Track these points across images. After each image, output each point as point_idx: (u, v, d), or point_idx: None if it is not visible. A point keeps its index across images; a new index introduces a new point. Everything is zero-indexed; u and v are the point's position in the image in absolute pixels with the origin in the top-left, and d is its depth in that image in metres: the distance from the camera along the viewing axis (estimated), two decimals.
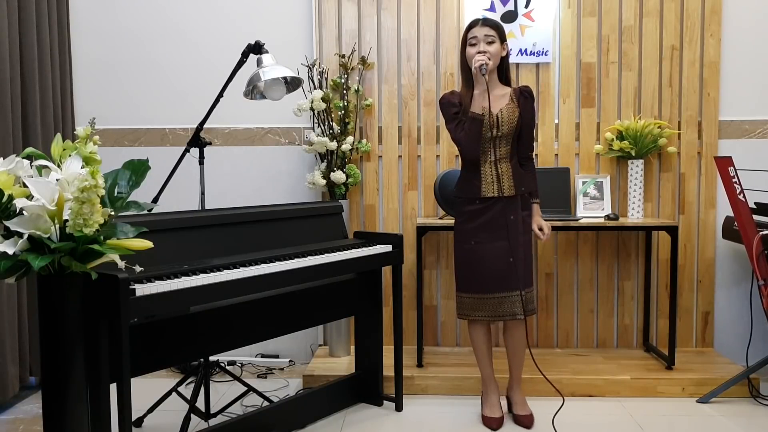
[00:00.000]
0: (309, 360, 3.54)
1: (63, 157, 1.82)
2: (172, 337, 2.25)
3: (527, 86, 2.79)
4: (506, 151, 2.72)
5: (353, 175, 3.46)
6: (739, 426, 2.80)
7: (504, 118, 2.69)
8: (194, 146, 2.81)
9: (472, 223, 2.75)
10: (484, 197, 2.72)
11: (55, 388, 1.79)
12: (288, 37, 3.61)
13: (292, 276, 2.43)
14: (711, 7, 3.50)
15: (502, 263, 2.70)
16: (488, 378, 2.86)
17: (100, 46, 3.66)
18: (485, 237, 2.72)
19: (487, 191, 2.72)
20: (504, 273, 2.70)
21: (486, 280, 2.72)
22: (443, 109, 2.79)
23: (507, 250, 2.69)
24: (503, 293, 2.70)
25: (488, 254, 2.71)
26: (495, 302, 2.72)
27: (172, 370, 3.48)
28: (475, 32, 2.69)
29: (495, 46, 2.67)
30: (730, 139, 3.55)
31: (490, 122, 2.68)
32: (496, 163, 2.72)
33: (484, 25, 2.68)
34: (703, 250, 3.59)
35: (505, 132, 2.70)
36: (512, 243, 2.69)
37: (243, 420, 2.51)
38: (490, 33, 2.66)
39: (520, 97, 2.73)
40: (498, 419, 2.79)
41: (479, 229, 2.73)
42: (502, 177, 2.71)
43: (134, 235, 1.80)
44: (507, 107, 2.70)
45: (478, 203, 2.74)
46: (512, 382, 2.87)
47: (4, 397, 2.96)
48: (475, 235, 2.74)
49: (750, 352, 3.33)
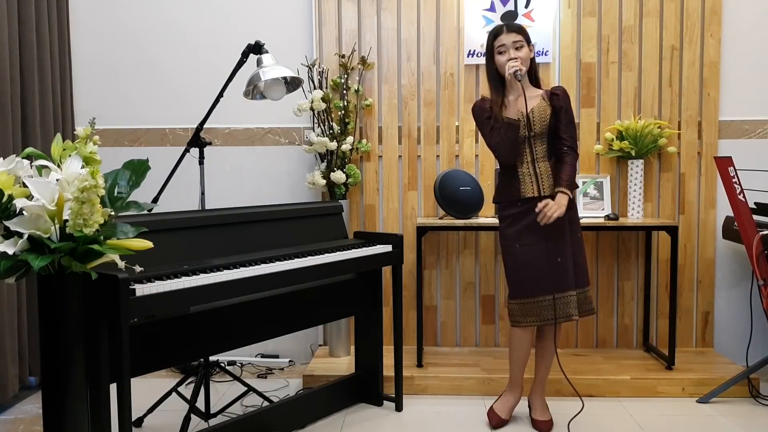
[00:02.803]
0: (309, 360, 3.54)
1: (63, 157, 1.82)
2: (172, 337, 2.24)
3: (560, 86, 2.76)
4: (543, 150, 2.69)
5: (353, 175, 3.46)
6: (739, 426, 2.80)
7: (536, 118, 2.65)
8: (194, 146, 2.81)
9: (516, 226, 2.69)
10: (524, 197, 2.68)
11: (55, 388, 1.79)
12: (288, 37, 3.61)
13: (292, 276, 2.42)
14: (711, 7, 3.50)
15: (550, 264, 2.65)
16: (516, 383, 2.81)
17: (100, 47, 3.66)
18: (530, 239, 2.66)
19: (526, 191, 2.68)
20: (553, 274, 2.65)
21: (534, 283, 2.66)
22: (476, 117, 2.75)
23: (554, 250, 2.65)
24: (555, 294, 2.64)
25: (534, 256, 2.65)
26: (546, 305, 2.66)
27: (172, 370, 3.48)
28: (502, 40, 2.65)
29: (524, 50, 2.64)
30: (730, 139, 3.55)
31: (523, 123, 2.66)
32: (534, 163, 2.68)
33: (510, 32, 2.64)
34: (703, 250, 3.59)
35: (538, 131, 2.66)
36: (559, 242, 2.65)
37: (243, 420, 2.51)
38: (518, 38, 2.63)
39: (552, 96, 2.69)
40: (501, 420, 2.78)
41: (523, 231, 2.68)
42: (541, 176, 2.67)
43: (134, 235, 1.80)
44: (538, 106, 2.67)
45: (519, 205, 2.69)
46: (536, 384, 2.83)
47: (4, 397, 2.96)
48: (519, 238, 2.68)
49: (750, 352, 3.33)
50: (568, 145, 2.70)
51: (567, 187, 2.65)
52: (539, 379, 2.82)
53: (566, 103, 2.70)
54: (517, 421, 2.85)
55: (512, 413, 2.84)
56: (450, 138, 3.60)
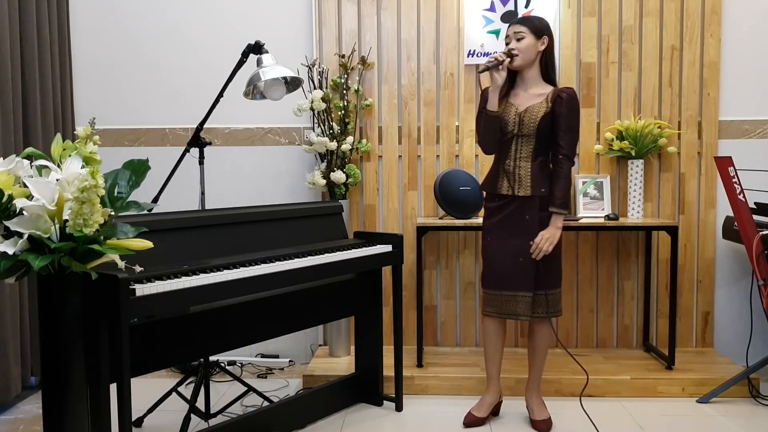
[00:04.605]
0: (309, 360, 3.54)
1: (63, 157, 1.82)
2: (172, 337, 2.25)
3: (569, 88, 2.70)
4: (528, 151, 2.68)
5: (353, 175, 3.46)
6: (739, 426, 2.80)
7: (527, 118, 2.64)
8: (194, 146, 2.81)
9: (492, 219, 2.76)
10: (500, 194, 2.72)
11: (55, 388, 1.79)
12: (288, 37, 3.61)
13: (292, 276, 2.43)
14: (711, 7, 3.50)
15: (511, 262, 2.68)
16: (489, 377, 2.85)
17: (100, 46, 3.66)
18: (501, 234, 2.71)
19: (502, 188, 2.71)
20: (511, 272, 2.68)
21: (494, 278, 2.73)
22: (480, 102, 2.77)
23: (518, 249, 2.67)
24: (509, 292, 2.70)
25: (500, 252, 2.71)
26: (502, 300, 2.72)
27: (172, 370, 3.48)
28: (507, 31, 2.69)
29: (525, 41, 2.63)
30: (730, 139, 3.55)
31: (513, 120, 2.67)
32: (515, 162, 2.69)
33: (514, 24, 2.67)
34: (703, 250, 3.59)
35: (526, 132, 2.66)
36: (525, 243, 2.67)
37: (243, 420, 2.51)
38: (519, 29, 2.64)
39: (556, 98, 2.63)
40: (472, 418, 2.79)
41: (496, 225, 2.73)
42: (520, 176, 2.67)
43: (134, 235, 1.80)
44: (534, 107, 2.65)
45: (497, 200, 2.74)
46: (529, 384, 2.84)
47: (7, 397, 2.96)
48: (492, 231, 2.75)
49: (750, 352, 3.33)
50: (564, 153, 2.64)
51: (561, 206, 2.64)
52: (532, 380, 2.83)
53: (569, 109, 2.63)
54: (518, 421, 2.85)
55: (490, 412, 2.83)
56: (450, 138, 3.60)
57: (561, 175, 2.64)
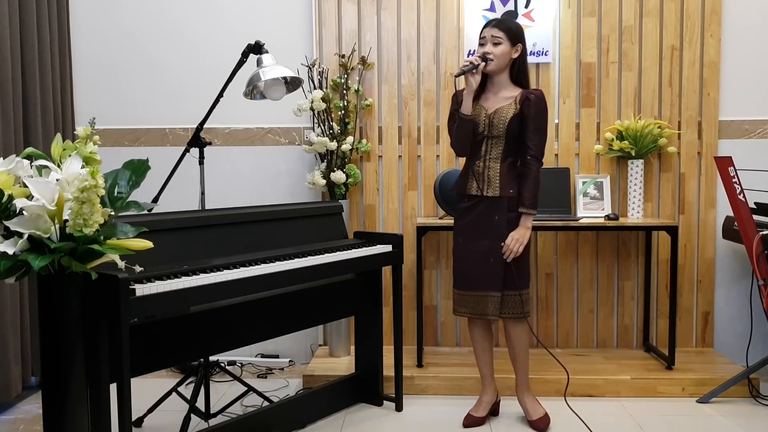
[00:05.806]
0: (309, 360, 3.54)
1: (63, 157, 1.82)
2: (172, 337, 2.25)
3: (538, 90, 2.72)
4: (498, 152, 2.70)
5: (353, 175, 3.46)
6: (739, 426, 2.80)
7: (496, 119, 2.68)
8: (194, 146, 2.82)
9: (462, 220, 2.79)
10: (470, 194, 2.75)
11: (55, 388, 1.79)
12: (288, 37, 3.61)
13: (292, 276, 2.43)
14: (711, 7, 3.50)
15: (482, 262, 2.71)
16: (483, 377, 2.86)
17: (100, 46, 3.66)
18: (470, 235, 2.75)
19: (471, 188, 2.74)
20: (481, 272, 2.71)
21: (463, 278, 2.76)
22: (451, 104, 2.81)
23: (488, 250, 2.70)
24: (479, 292, 2.72)
25: (469, 252, 2.74)
26: (474, 300, 2.74)
27: (172, 370, 3.48)
28: (485, 32, 2.69)
29: (501, 47, 2.65)
30: (730, 139, 3.55)
31: (483, 122, 2.69)
32: (484, 162, 2.72)
33: (493, 27, 2.67)
34: (703, 250, 3.59)
35: (496, 134, 2.69)
36: (495, 243, 2.69)
37: (243, 420, 2.51)
38: (498, 34, 2.65)
39: (524, 100, 2.67)
40: (471, 418, 2.80)
41: (466, 226, 2.76)
42: (489, 177, 2.70)
43: (134, 235, 1.80)
44: (503, 108, 2.68)
45: (467, 201, 2.77)
46: (518, 385, 2.85)
47: (7, 397, 2.96)
48: (462, 232, 2.78)
49: (750, 352, 3.33)
50: (532, 153, 2.68)
51: (530, 207, 2.69)
52: (520, 380, 2.84)
53: (536, 110, 2.66)
54: (517, 420, 2.85)
55: (488, 411, 2.84)
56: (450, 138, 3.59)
57: (530, 175, 2.68)
